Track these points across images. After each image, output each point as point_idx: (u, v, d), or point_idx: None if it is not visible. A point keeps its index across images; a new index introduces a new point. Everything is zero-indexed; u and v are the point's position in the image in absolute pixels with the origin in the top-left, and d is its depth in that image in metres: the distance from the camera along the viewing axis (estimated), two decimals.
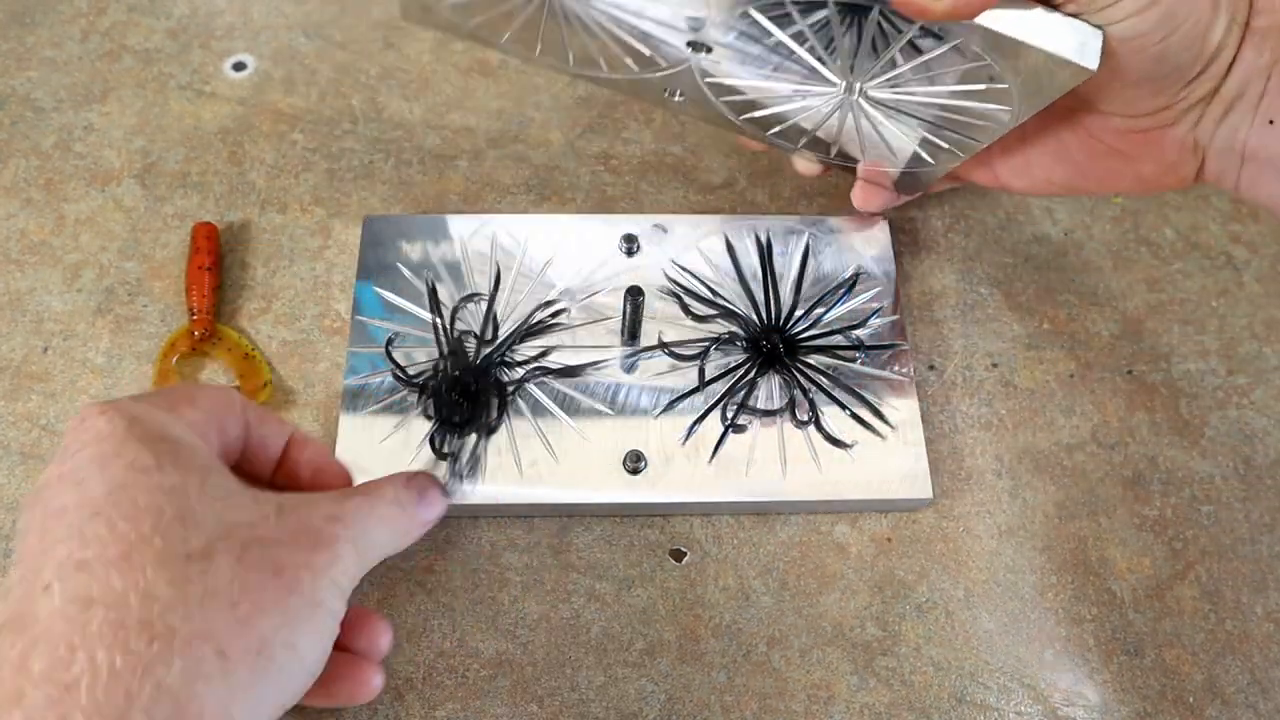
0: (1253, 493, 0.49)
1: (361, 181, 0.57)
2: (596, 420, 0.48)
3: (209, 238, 0.52)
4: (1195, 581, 0.47)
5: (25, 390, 0.50)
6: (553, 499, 0.46)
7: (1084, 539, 0.48)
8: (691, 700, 0.43)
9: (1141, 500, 0.49)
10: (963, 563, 0.47)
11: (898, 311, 0.51)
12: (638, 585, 0.46)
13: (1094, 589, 0.47)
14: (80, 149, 0.57)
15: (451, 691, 0.43)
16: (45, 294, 0.52)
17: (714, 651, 0.45)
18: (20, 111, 0.58)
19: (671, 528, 0.47)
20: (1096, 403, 0.51)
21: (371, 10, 0.63)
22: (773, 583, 0.46)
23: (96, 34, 0.61)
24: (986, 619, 0.46)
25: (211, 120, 0.58)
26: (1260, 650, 0.45)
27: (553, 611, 0.45)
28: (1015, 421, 0.51)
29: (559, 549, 0.47)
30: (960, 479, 0.49)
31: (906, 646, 0.45)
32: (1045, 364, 0.52)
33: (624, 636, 0.45)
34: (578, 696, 0.43)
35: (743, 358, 0.49)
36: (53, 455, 0.36)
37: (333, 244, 0.54)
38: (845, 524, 0.48)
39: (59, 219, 0.55)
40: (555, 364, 0.49)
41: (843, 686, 0.44)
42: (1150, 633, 0.46)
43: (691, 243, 0.53)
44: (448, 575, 0.46)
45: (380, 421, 0.48)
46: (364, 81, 0.60)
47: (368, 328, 0.50)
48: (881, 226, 0.54)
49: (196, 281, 0.50)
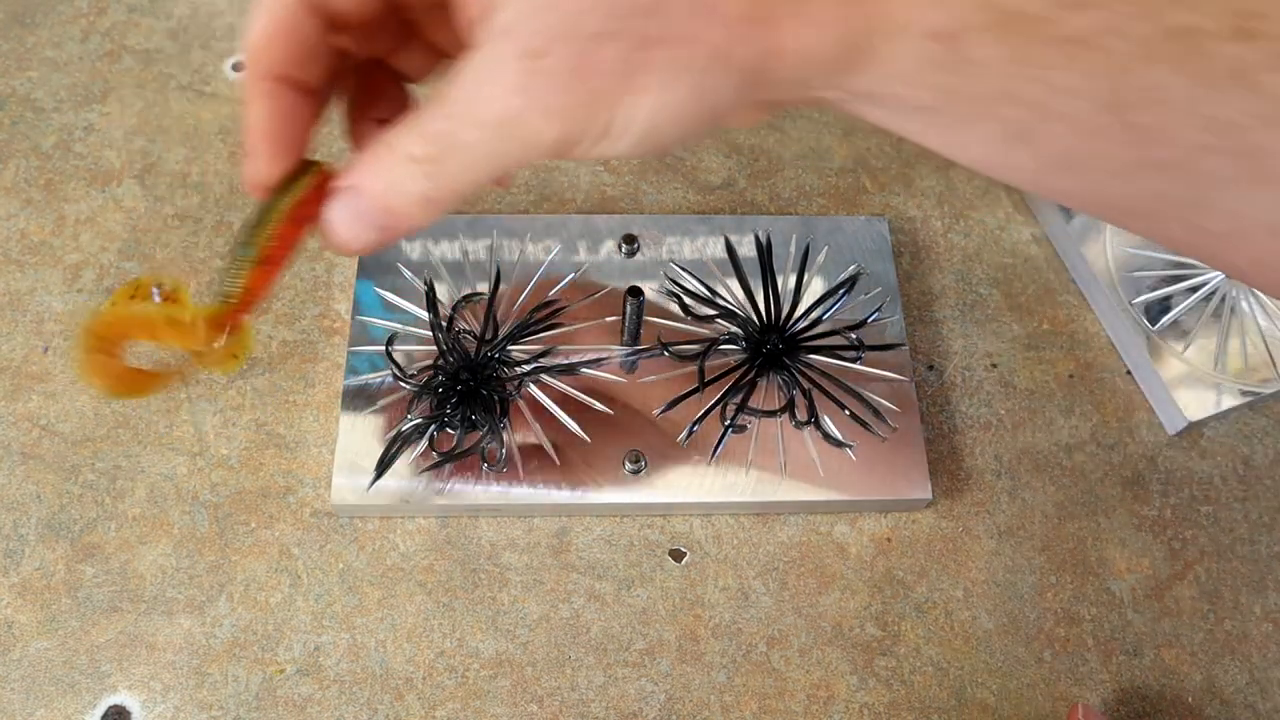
0: (1251, 493, 0.49)
1: None
2: (596, 420, 0.48)
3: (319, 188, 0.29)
4: (1194, 581, 0.47)
5: (25, 390, 0.50)
6: (553, 499, 0.47)
7: (1083, 539, 0.48)
8: (691, 700, 0.44)
9: (1141, 500, 0.49)
10: (962, 563, 0.47)
11: (897, 311, 0.51)
12: (638, 585, 0.46)
13: (1093, 589, 0.47)
14: (80, 149, 0.57)
15: (451, 691, 0.43)
16: (46, 294, 0.52)
17: (714, 651, 0.45)
18: (21, 112, 0.58)
19: (671, 528, 0.47)
20: (1096, 403, 0.51)
21: None
22: (772, 583, 0.46)
23: (97, 34, 0.61)
24: (986, 619, 0.46)
25: (212, 120, 0.58)
26: (1259, 650, 0.45)
27: (553, 611, 0.45)
28: (1014, 421, 0.51)
29: (559, 549, 0.47)
30: (960, 479, 0.49)
31: (906, 646, 0.45)
32: (1044, 364, 0.52)
33: (624, 636, 0.45)
34: (578, 696, 0.43)
35: (743, 358, 0.49)
36: (54, 455, 0.36)
37: None
38: (845, 524, 0.48)
39: (59, 219, 0.55)
40: (555, 364, 0.49)
41: (842, 686, 0.44)
42: (1149, 633, 0.46)
43: (691, 243, 0.53)
44: (448, 575, 0.46)
45: (380, 421, 0.48)
46: None
47: (368, 327, 0.50)
48: (882, 226, 0.54)
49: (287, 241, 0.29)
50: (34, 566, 0.46)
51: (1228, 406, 0.50)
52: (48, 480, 0.48)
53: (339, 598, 0.45)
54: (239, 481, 0.48)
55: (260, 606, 0.45)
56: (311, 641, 0.44)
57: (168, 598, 0.45)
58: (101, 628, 0.45)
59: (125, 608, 0.45)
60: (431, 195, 0.26)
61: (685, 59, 0.24)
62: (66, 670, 0.44)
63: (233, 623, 0.45)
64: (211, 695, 0.43)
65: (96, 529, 0.47)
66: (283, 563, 0.46)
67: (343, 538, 0.47)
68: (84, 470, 0.48)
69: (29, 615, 0.45)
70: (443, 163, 0.26)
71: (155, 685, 0.43)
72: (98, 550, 0.46)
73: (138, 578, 0.46)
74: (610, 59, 0.23)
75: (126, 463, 0.48)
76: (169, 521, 0.47)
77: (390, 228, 0.27)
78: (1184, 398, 0.50)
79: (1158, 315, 0.52)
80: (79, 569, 0.46)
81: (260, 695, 0.43)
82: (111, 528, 0.47)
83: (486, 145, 0.25)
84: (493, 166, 0.26)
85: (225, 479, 0.48)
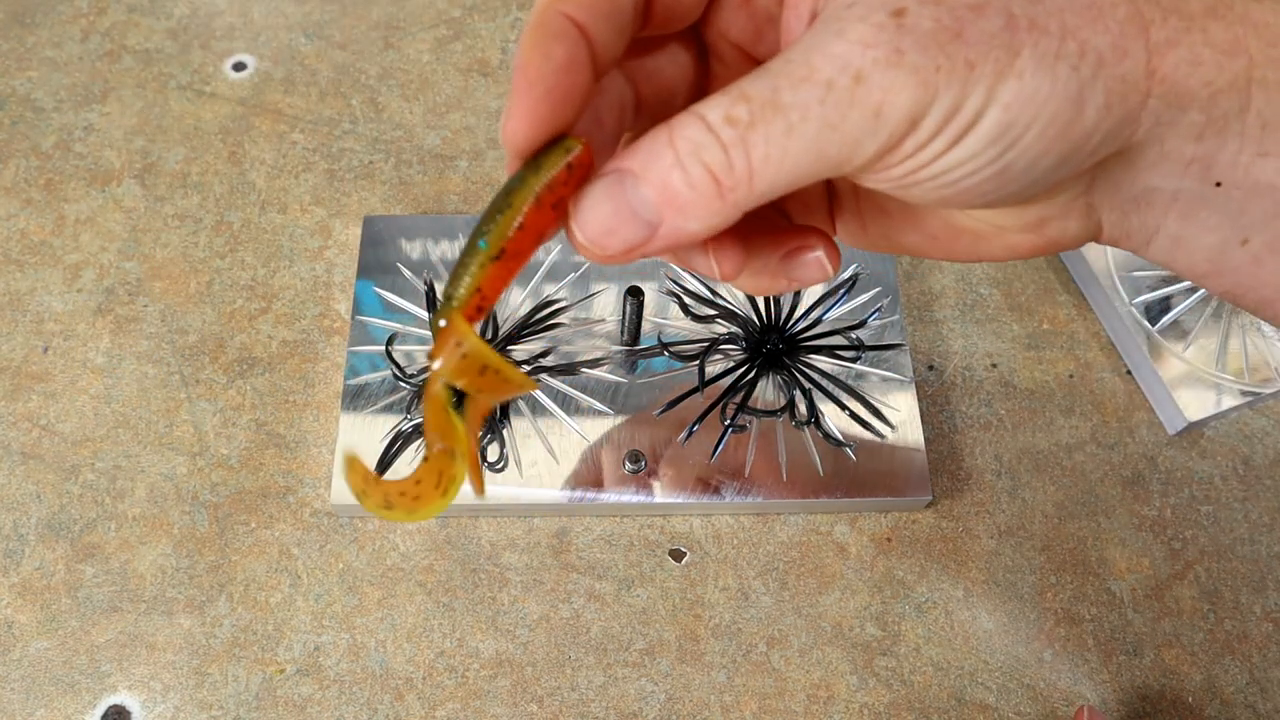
0: (1252, 493, 0.49)
1: (361, 181, 0.57)
2: (596, 420, 0.48)
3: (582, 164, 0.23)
4: (1194, 581, 0.47)
5: (25, 390, 0.50)
6: (553, 499, 0.46)
7: (1083, 539, 0.48)
8: (691, 700, 0.44)
9: (1141, 500, 0.49)
10: (962, 563, 0.47)
11: (897, 311, 0.51)
12: (638, 585, 0.46)
13: (1093, 589, 0.47)
14: (80, 149, 0.57)
15: (451, 691, 0.43)
16: (45, 294, 0.52)
17: (714, 651, 0.45)
18: (20, 112, 0.58)
19: (671, 528, 0.47)
20: (1096, 403, 0.51)
21: (371, 11, 0.63)
22: (772, 583, 0.46)
23: (97, 34, 0.61)
24: (986, 619, 0.46)
25: (212, 120, 0.58)
26: (1259, 650, 0.45)
27: (553, 611, 0.45)
28: (1014, 421, 0.51)
29: (559, 549, 0.47)
30: (960, 479, 0.49)
31: (906, 646, 0.45)
32: (1044, 364, 0.52)
33: (624, 636, 0.45)
34: (578, 696, 0.43)
35: (743, 358, 0.49)
36: (54, 455, 0.36)
37: (332, 244, 0.54)
38: (845, 524, 0.48)
39: (59, 219, 0.55)
40: (555, 364, 0.49)
41: (842, 686, 0.44)
42: (1149, 633, 0.46)
43: None
44: (448, 575, 0.46)
45: (380, 421, 0.48)
46: (364, 81, 0.60)
47: (368, 327, 0.50)
48: None
49: (532, 232, 0.22)
50: (34, 566, 0.46)
51: (1228, 406, 0.50)
52: (47, 480, 0.48)
53: (339, 598, 0.45)
54: (239, 481, 0.48)
55: (260, 606, 0.45)
56: (311, 641, 0.44)
57: (168, 598, 0.45)
58: (101, 628, 0.45)
59: (125, 608, 0.45)
60: (727, 180, 0.20)
61: (1061, 50, 0.20)
62: (66, 670, 0.44)
63: (233, 623, 0.45)
64: (211, 695, 0.43)
65: (96, 529, 0.47)
66: (283, 563, 0.46)
67: (343, 538, 0.47)
68: (84, 470, 0.48)
69: (29, 615, 0.45)
70: (751, 130, 0.20)
71: (155, 685, 0.43)
72: (98, 550, 0.46)
73: (137, 578, 0.46)
74: (987, 31, 0.19)
75: (126, 462, 0.48)
76: (169, 521, 0.47)
77: (662, 227, 0.21)
78: (1184, 398, 0.50)
79: (1158, 315, 0.52)
80: (79, 569, 0.46)
81: (260, 695, 0.43)
82: (111, 528, 0.47)
83: (815, 111, 0.19)
84: (815, 150, 0.20)
85: (225, 479, 0.48)
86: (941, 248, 0.27)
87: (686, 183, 0.20)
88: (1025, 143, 0.20)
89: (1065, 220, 0.24)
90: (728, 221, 0.21)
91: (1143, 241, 0.24)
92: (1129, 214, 0.23)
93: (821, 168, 0.20)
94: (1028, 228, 0.24)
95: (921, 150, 0.20)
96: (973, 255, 0.26)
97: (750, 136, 0.20)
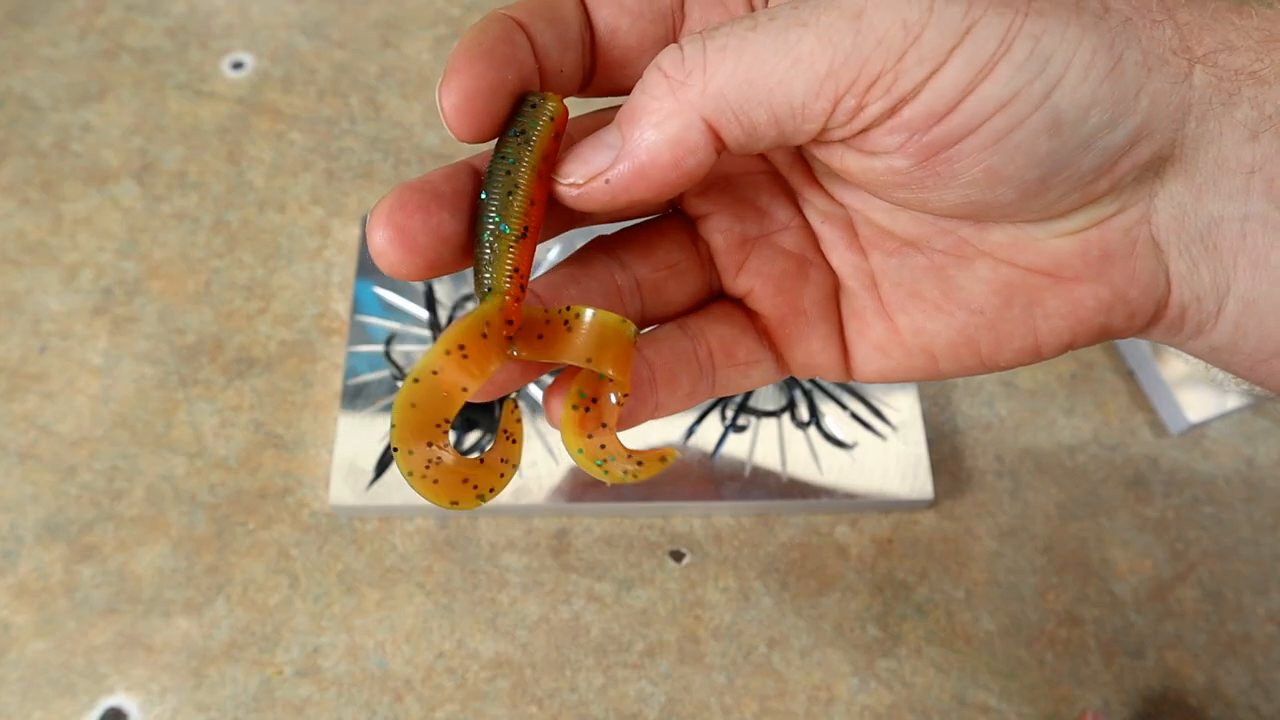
0: (1254, 494, 0.49)
1: (360, 181, 0.56)
2: None
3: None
4: (1197, 583, 0.47)
5: (23, 390, 0.49)
6: (553, 499, 0.46)
7: (1085, 540, 0.48)
8: (691, 701, 0.43)
9: (1143, 501, 0.49)
10: (963, 563, 0.47)
11: None
12: (638, 586, 0.46)
13: (1095, 590, 0.46)
14: (78, 148, 0.57)
15: (451, 693, 0.43)
16: (43, 294, 0.52)
17: (714, 653, 0.44)
18: (18, 111, 0.58)
19: (671, 528, 0.47)
20: (1098, 403, 0.51)
21: (370, 10, 0.63)
22: (773, 584, 0.46)
23: (94, 33, 0.61)
24: (987, 620, 0.46)
25: (210, 119, 0.58)
26: (1262, 652, 0.45)
27: (552, 612, 0.45)
28: (1016, 422, 0.50)
29: (559, 549, 0.47)
30: (961, 479, 0.49)
31: (907, 648, 0.45)
32: (1046, 364, 0.52)
33: (624, 638, 0.45)
34: (577, 698, 0.43)
35: None
36: (52, 456, 0.35)
37: (331, 244, 0.54)
38: (845, 525, 0.48)
39: (56, 218, 0.55)
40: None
41: (843, 688, 0.44)
42: (1152, 634, 0.46)
43: None
44: (447, 576, 0.46)
45: (380, 421, 0.47)
46: (363, 81, 0.60)
47: (367, 327, 0.50)
48: None
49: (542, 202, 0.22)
50: (31, 567, 0.45)
51: (1231, 407, 0.50)
52: (45, 481, 0.47)
53: (338, 599, 0.45)
54: (237, 482, 0.48)
55: (258, 607, 0.45)
56: (310, 643, 0.44)
57: (165, 599, 0.45)
58: (99, 629, 0.44)
59: (123, 609, 0.45)
60: (676, 73, 0.18)
61: (1081, 3, 0.18)
62: (64, 672, 0.43)
63: (231, 624, 0.45)
64: (210, 697, 0.43)
65: (94, 530, 0.46)
66: (281, 563, 0.46)
67: (341, 538, 0.47)
68: (81, 471, 0.48)
69: (26, 616, 0.45)
70: (714, 32, 0.18)
71: (153, 687, 0.43)
72: (95, 551, 0.46)
73: (135, 579, 0.45)
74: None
75: (124, 463, 0.48)
76: (167, 522, 0.47)
77: (624, 145, 0.19)
78: (1187, 398, 0.50)
79: None
80: (76, 570, 0.45)
81: (258, 697, 0.43)
82: (109, 528, 0.46)
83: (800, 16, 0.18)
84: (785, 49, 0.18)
85: (223, 479, 0.48)
86: (989, 328, 0.23)
87: (640, 89, 0.19)
88: (1069, 83, 0.18)
89: (1131, 259, 0.21)
90: (687, 129, 0.18)
91: (1213, 309, 0.21)
92: (1198, 262, 0.20)
93: (797, 74, 0.18)
94: (1091, 266, 0.21)
95: (937, 76, 0.18)
96: (1028, 331, 0.22)
97: (713, 34, 0.18)
